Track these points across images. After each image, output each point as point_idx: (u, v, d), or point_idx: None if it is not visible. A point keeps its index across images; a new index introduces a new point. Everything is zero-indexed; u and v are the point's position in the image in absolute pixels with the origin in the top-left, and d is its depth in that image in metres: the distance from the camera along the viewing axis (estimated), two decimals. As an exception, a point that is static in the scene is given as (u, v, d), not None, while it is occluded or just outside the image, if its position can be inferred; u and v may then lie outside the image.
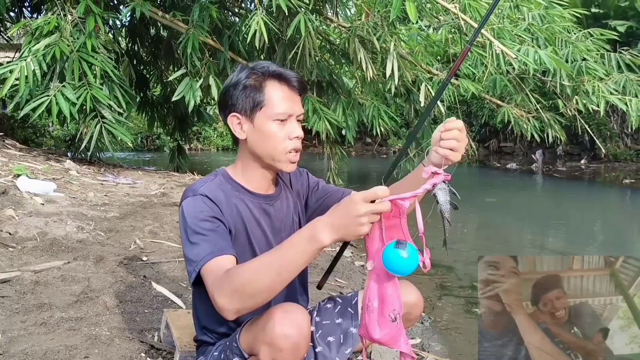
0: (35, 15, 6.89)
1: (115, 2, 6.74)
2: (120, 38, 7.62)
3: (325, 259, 4.11)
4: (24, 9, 7.09)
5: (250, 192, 1.60)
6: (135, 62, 7.88)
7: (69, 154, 7.18)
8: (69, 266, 2.84)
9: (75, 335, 2.14)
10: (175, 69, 6.95)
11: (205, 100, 7.31)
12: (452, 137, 1.35)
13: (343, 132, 6.91)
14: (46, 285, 2.57)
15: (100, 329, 2.22)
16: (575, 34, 6.71)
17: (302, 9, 5.07)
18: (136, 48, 8.07)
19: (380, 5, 5.84)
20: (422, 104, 6.30)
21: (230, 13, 7.41)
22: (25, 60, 4.99)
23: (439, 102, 6.12)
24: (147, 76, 8.43)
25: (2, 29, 7.12)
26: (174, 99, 5.84)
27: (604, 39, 6.81)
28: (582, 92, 6.56)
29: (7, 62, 5.42)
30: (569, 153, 14.38)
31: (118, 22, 7.08)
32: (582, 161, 13.90)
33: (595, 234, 6.82)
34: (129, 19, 7.37)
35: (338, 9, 6.73)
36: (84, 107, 5.15)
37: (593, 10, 12.38)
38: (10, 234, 3.16)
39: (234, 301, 1.27)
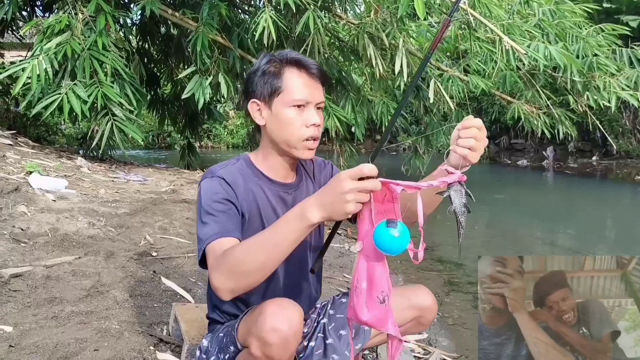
0: (47, 14, 6.96)
1: (126, 0, 6.79)
2: (131, 36, 7.68)
3: (333, 255, 4.13)
4: (36, 8, 7.16)
5: (269, 179, 1.60)
6: (145, 60, 7.94)
7: (80, 152, 7.25)
8: (79, 261, 2.88)
9: (85, 328, 2.17)
10: (186, 67, 6.99)
11: (215, 98, 7.34)
12: (470, 136, 1.30)
13: (353, 129, 6.92)
14: (57, 279, 2.61)
15: (110, 323, 2.25)
16: (586, 29, 6.65)
17: (311, 6, 5.08)
18: (147, 46, 8.13)
19: (389, 2, 5.83)
20: (431, 101, 6.29)
21: (239, 11, 7.44)
22: (37, 58, 5.04)
23: (447, 98, 6.11)
24: (158, 74, 8.48)
25: (14, 27, 7.19)
26: (183, 96, 5.88)
27: (616, 34, 6.75)
28: (593, 88, 6.51)
29: (20, 61, 5.47)
30: (581, 150, 14.26)
31: (129, 21, 7.13)
32: (594, 158, 13.78)
33: (607, 231, 6.77)
34: (139, 17, 7.43)
35: (347, 6, 6.73)
36: (95, 105, 5.20)
37: (605, 5, 12.25)
38: (22, 229, 3.21)
39: (228, 280, 1.29)
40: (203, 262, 1.42)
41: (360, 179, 1.18)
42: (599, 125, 7.67)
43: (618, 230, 6.89)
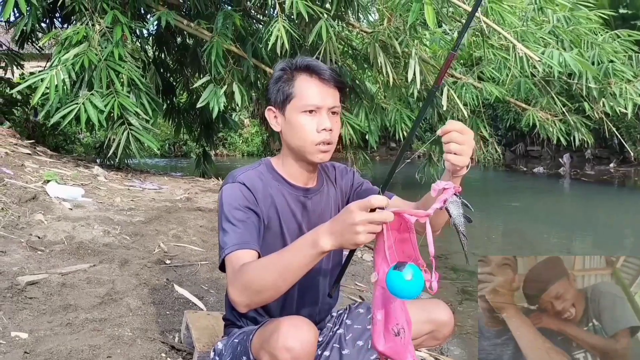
0: (65, 26, 7.09)
1: (142, 11, 6.89)
2: (147, 47, 7.79)
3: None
4: (54, 19, 7.30)
5: (290, 183, 1.62)
6: (162, 70, 8.04)
7: (97, 161, 7.35)
8: (94, 269, 2.92)
9: (98, 335, 2.20)
10: (201, 76, 7.07)
11: (229, 107, 7.41)
12: (450, 140, 1.31)
13: (366, 136, 6.93)
14: (72, 287, 2.65)
15: (123, 330, 2.28)
16: (601, 35, 6.61)
17: (324, 15, 5.12)
18: (163, 56, 8.24)
19: (402, 10, 5.85)
20: (444, 108, 6.28)
21: (253, 20, 7.51)
22: (55, 69, 5.14)
23: (461, 106, 6.11)
24: (174, 83, 8.59)
25: (34, 39, 7.33)
26: (198, 105, 5.94)
27: (632, 40, 6.70)
28: (609, 94, 6.46)
29: (39, 72, 5.58)
30: (598, 156, 14.11)
31: (145, 31, 7.23)
32: (611, 165, 13.62)
33: (625, 239, 6.68)
34: (155, 28, 7.53)
35: (360, 15, 6.76)
36: (112, 114, 5.28)
37: (621, 11, 12.13)
38: (39, 237, 3.27)
39: (243, 296, 1.32)
40: (222, 267, 1.46)
41: (372, 210, 1.18)
42: (616, 132, 7.59)
43: (636, 238, 6.80)
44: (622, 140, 8.95)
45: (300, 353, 1.34)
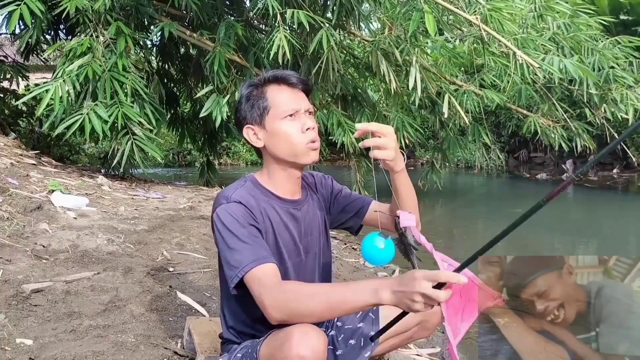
0: (69, 38, 7.17)
1: (146, 23, 6.97)
2: (151, 57, 7.86)
3: (348, 270, 4.15)
4: (59, 31, 7.39)
5: (278, 197, 1.65)
6: (165, 80, 8.11)
7: (102, 170, 7.40)
8: (98, 277, 2.96)
9: (102, 341, 2.23)
10: (204, 86, 7.13)
11: (232, 116, 7.45)
12: (358, 137, 1.52)
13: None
14: (76, 294, 2.68)
15: (127, 336, 2.31)
16: (602, 41, 6.64)
17: (325, 25, 5.17)
18: (166, 66, 8.30)
19: (402, 19, 5.91)
20: (445, 115, 6.32)
21: (256, 30, 7.57)
22: (59, 80, 5.19)
23: (462, 113, 6.14)
24: (177, 93, 8.65)
25: (39, 50, 7.41)
26: (201, 115, 5.99)
27: (633, 46, 6.73)
28: (610, 100, 6.47)
29: (44, 83, 5.65)
30: (601, 162, 14.07)
31: (148, 42, 7.30)
32: (615, 170, 13.60)
33: (629, 245, 6.66)
34: (158, 38, 7.61)
35: (362, 24, 6.82)
36: (116, 124, 5.33)
37: (622, 17, 12.18)
38: (44, 246, 3.30)
39: (282, 314, 1.36)
40: (238, 286, 1.47)
41: (439, 284, 1.19)
42: (618, 138, 7.58)
43: (640, 244, 6.80)
44: (624, 146, 8.93)
45: None
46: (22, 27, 6.36)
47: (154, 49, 8.03)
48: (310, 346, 1.37)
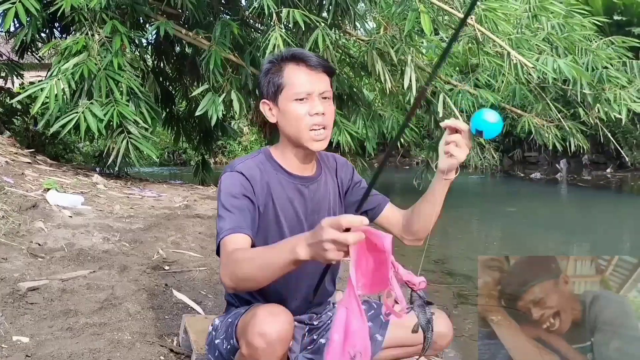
0: (64, 36, 7.15)
1: (141, 21, 6.96)
2: (146, 56, 7.84)
3: (343, 267, 4.17)
4: (54, 30, 7.36)
5: (287, 172, 1.66)
6: (161, 79, 8.09)
7: (97, 169, 7.39)
8: (94, 275, 2.97)
9: (98, 339, 2.24)
10: (200, 85, 7.13)
11: (228, 115, 7.46)
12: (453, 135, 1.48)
13: (365, 143, 6.98)
14: (72, 293, 2.69)
15: (123, 334, 2.32)
16: (596, 42, 6.68)
17: (321, 24, 5.18)
18: (162, 65, 8.28)
19: (398, 19, 5.93)
20: (440, 115, 6.34)
21: (252, 29, 7.58)
22: (55, 79, 5.18)
23: (457, 113, 6.16)
24: (173, 92, 8.62)
25: (34, 49, 7.38)
26: (197, 113, 6.00)
27: (626, 47, 6.77)
28: (603, 100, 6.51)
29: (39, 81, 5.63)
30: (595, 162, 14.17)
31: (144, 41, 7.29)
32: (608, 170, 13.69)
33: (622, 244, 6.71)
34: (154, 37, 7.59)
35: (357, 23, 6.83)
36: (111, 123, 5.32)
37: (615, 17, 12.24)
38: (39, 245, 3.31)
39: (229, 280, 1.39)
40: (218, 252, 1.52)
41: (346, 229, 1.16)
42: (611, 137, 7.64)
43: (634, 243, 6.83)
44: (617, 145, 8.98)
45: (274, 339, 1.40)
46: (17, 25, 6.33)
47: (150, 47, 8.01)
48: (273, 325, 1.41)
